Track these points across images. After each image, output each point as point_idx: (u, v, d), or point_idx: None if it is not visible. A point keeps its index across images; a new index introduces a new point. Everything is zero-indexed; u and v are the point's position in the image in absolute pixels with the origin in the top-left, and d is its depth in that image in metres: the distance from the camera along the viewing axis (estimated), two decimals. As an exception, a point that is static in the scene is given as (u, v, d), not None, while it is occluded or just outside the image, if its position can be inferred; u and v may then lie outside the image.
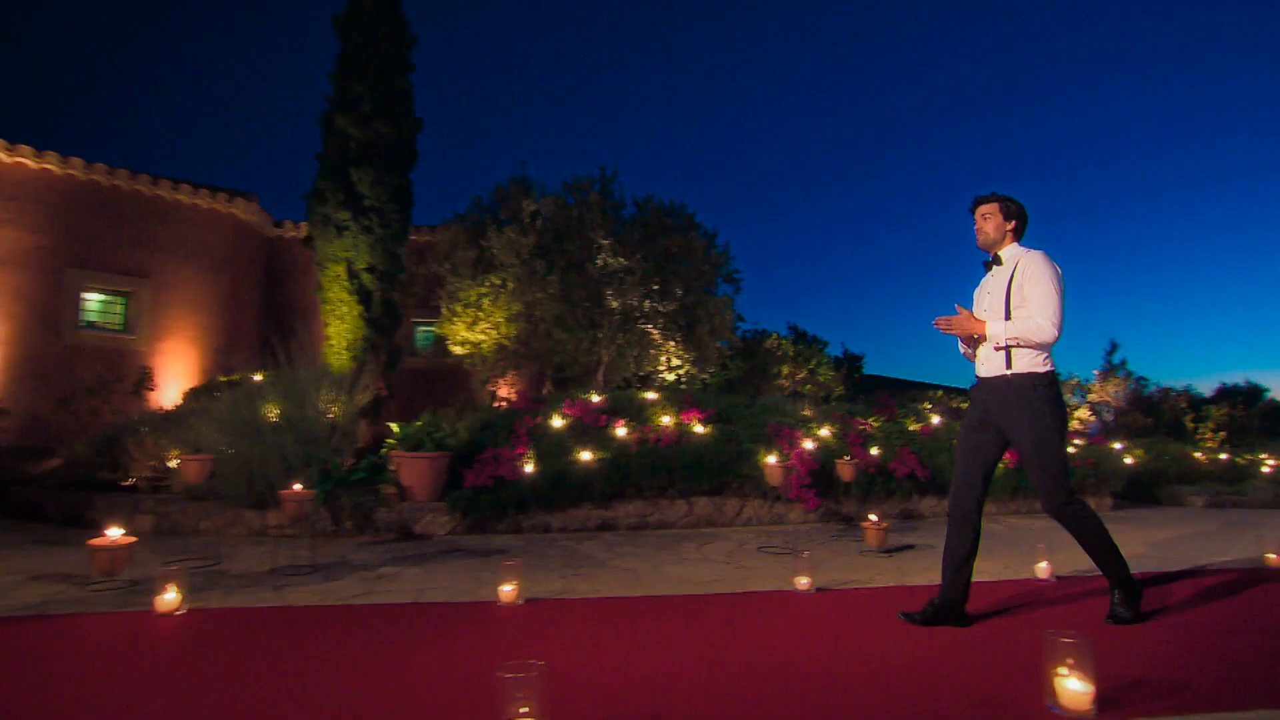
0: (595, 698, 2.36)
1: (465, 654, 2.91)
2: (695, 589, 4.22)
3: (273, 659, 2.84)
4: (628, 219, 8.41)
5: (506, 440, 6.64)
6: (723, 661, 2.78)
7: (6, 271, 9.36)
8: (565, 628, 3.34)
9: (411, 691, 2.46)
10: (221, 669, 2.72)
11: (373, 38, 10.15)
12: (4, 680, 2.61)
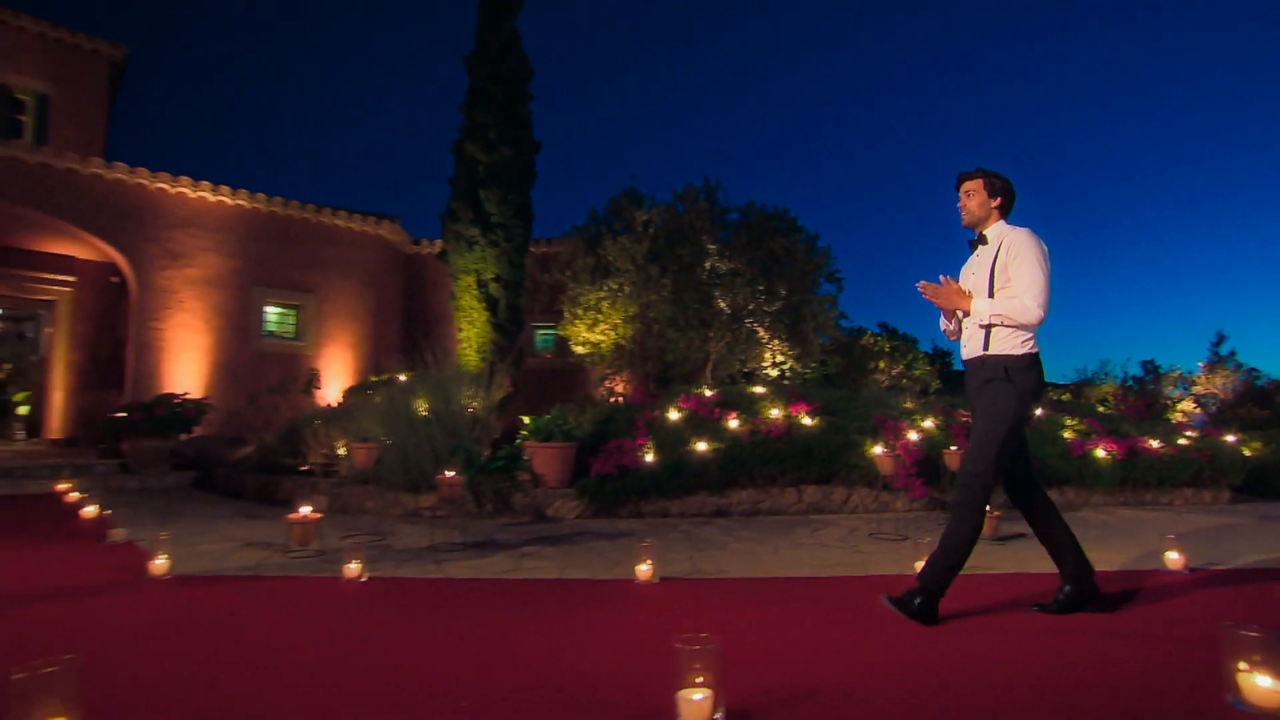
0: (750, 672, 2.30)
1: (618, 626, 2.91)
2: (815, 571, 4.09)
3: (446, 622, 2.93)
4: (733, 224, 8.33)
5: (627, 432, 6.67)
6: (860, 640, 2.67)
7: (211, 291, 10.21)
8: (703, 605, 3.29)
9: (579, 658, 2.47)
10: (403, 629, 2.82)
11: (496, 73, 10.45)
12: (242, 624, 2.82)
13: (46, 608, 3.17)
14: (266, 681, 2.24)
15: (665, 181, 14.96)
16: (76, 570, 3.93)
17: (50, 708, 1.67)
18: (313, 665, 2.41)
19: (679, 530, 5.65)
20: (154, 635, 2.76)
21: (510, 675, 2.30)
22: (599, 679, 2.25)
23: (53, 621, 2.95)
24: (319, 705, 2.05)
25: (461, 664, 2.42)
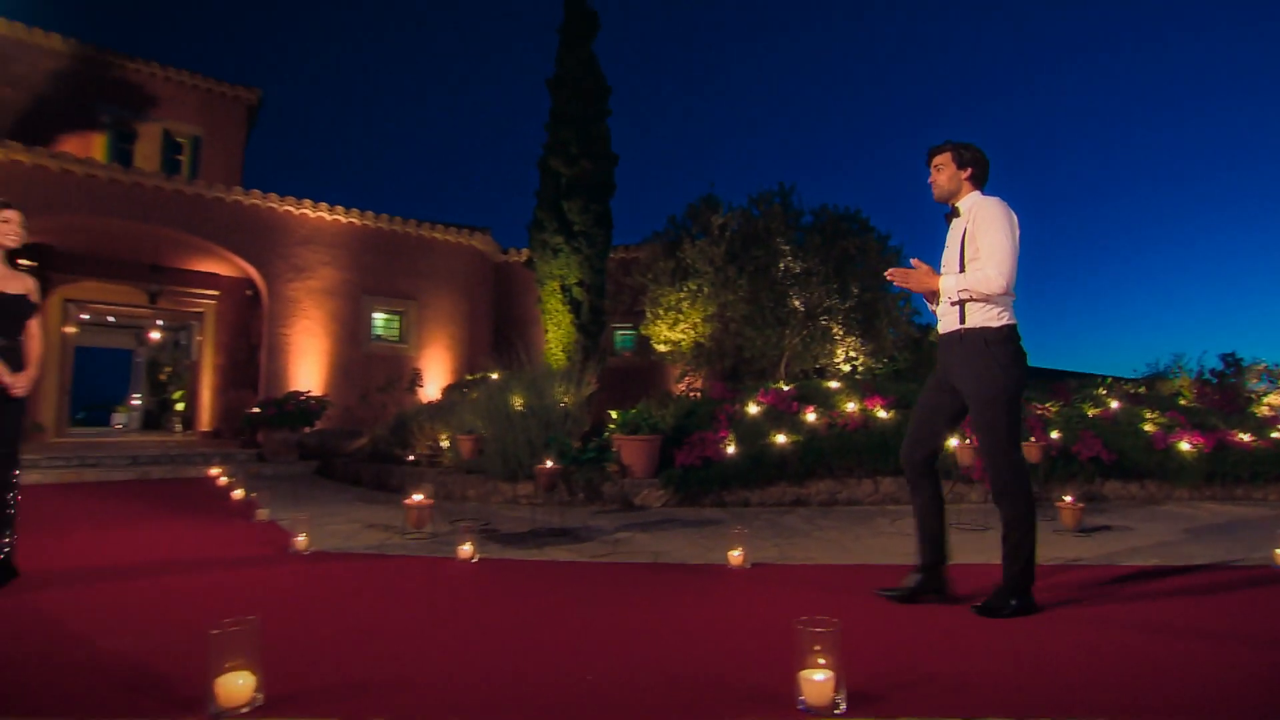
0: (858, 655, 2.23)
1: (719, 608, 2.87)
2: (900, 559, 3.95)
3: (556, 602, 2.96)
4: (806, 226, 8.17)
5: (709, 425, 6.62)
6: (961, 627, 2.55)
7: (328, 300, 10.75)
8: (797, 590, 3.22)
9: (688, 639, 2.44)
10: (516, 607, 2.85)
11: (576, 93, 10.58)
12: (372, 596, 2.90)
13: (215, 574, 3.38)
14: (396, 647, 2.31)
15: (741, 187, 14.81)
16: (234, 544, 4.18)
17: (237, 660, 1.77)
18: (437, 636, 2.47)
19: (762, 519, 5.56)
20: (300, 603, 2.90)
21: (622, 652, 2.30)
22: (710, 659, 2.23)
23: (220, 586, 3.15)
24: (447, 673, 2.10)
25: (576, 640, 2.43)
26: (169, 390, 19.13)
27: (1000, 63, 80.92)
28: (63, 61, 12.36)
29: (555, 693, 1.92)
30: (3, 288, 3.24)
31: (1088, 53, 77.83)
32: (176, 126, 13.39)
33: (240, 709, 1.75)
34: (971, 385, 2.72)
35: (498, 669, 2.11)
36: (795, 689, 1.79)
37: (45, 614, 2.69)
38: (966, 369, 2.73)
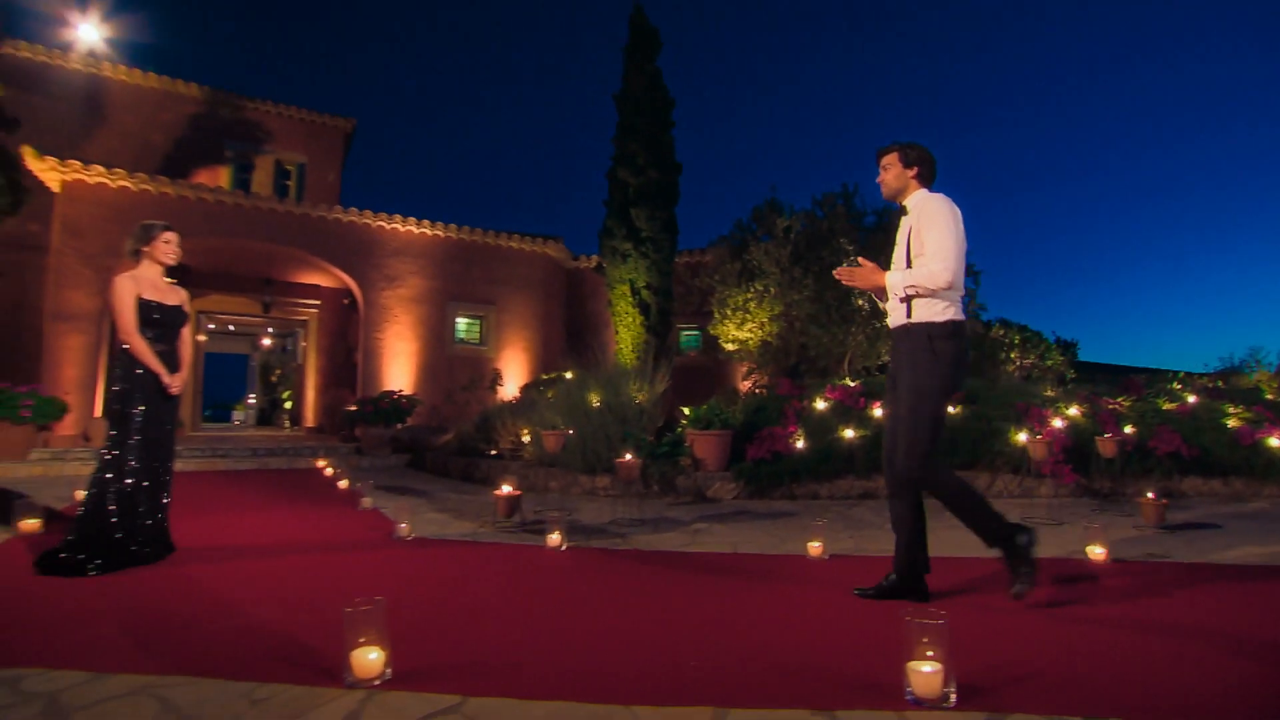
0: (959, 649, 2.10)
1: (805, 598, 2.77)
2: (979, 552, 3.73)
3: (647, 591, 2.91)
4: (869, 227, 7.90)
5: (778, 420, 6.47)
6: (1055, 620, 2.37)
7: (417, 307, 11.11)
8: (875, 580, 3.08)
9: (781, 628, 2.37)
10: (605, 594, 2.82)
11: (641, 107, 10.57)
12: (472, 579, 2.92)
13: (333, 555, 3.50)
14: (502, 629, 2.32)
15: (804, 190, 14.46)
16: (346, 529, 4.33)
17: (369, 636, 1.80)
18: (538, 619, 2.47)
19: (832, 511, 5.40)
20: (410, 584, 2.96)
21: (722, 639, 2.24)
22: (809, 648, 2.14)
23: (339, 566, 3.25)
24: (553, 654, 2.09)
25: (672, 627, 2.39)
26: (278, 390, 20.19)
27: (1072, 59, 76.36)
28: (198, 106, 13.25)
29: (663, 677, 1.88)
30: (163, 299, 3.44)
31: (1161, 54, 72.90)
32: (286, 155, 14.12)
33: (373, 680, 1.78)
34: (908, 376, 2.61)
35: (601, 652, 2.09)
36: (903, 680, 1.69)
37: (201, 584, 2.84)
38: (907, 361, 2.63)
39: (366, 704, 1.69)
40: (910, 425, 2.58)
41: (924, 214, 2.65)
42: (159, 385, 3.39)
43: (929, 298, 2.60)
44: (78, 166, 9.04)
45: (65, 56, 12.23)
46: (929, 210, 2.64)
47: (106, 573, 3.03)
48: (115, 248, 9.24)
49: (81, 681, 1.83)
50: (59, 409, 7.68)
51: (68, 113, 12.08)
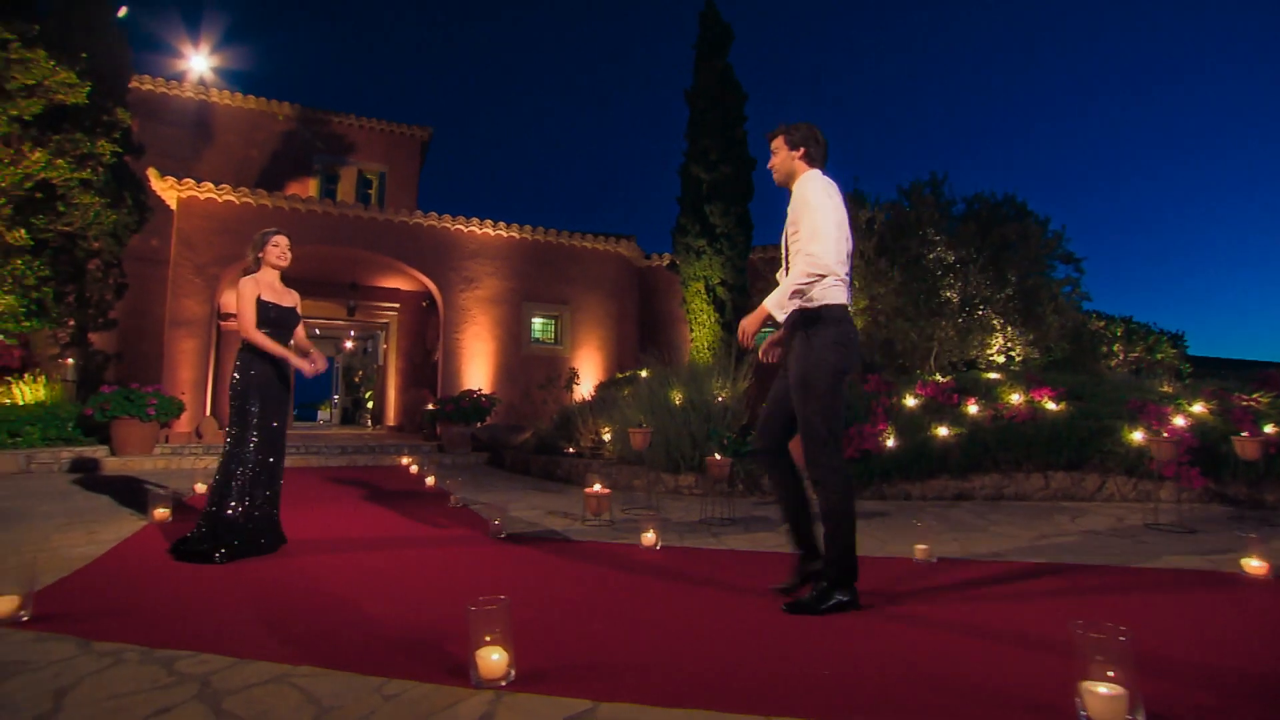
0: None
1: (929, 604, 2.57)
2: (1104, 559, 3.42)
3: (754, 592, 2.79)
4: (958, 215, 7.48)
5: (865, 418, 6.21)
6: (1225, 634, 2.11)
7: (493, 307, 11.34)
8: (1003, 588, 2.85)
9: (914, 636, 2.20)
10: (713, 595, 2.71)
11: (714, 102, 10.41)
12: (572, 577, 2.87)
13: (432, 550, 3.55)
14: (613, 628, 2.26)
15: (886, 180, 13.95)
16: (440, 525, 4.40)
17: (492, 636, 1.76)
18: (647, 619, 2.39)
19: (928, 513, 5.11)
20: (512, 582, 2.94)
21: (850, 646, 2.10)
22: (948, 658, 1.98)
23: (441, 561, 3.28)
24: (674, 657, 2.00)
25: (791, 632, 2.26)
26: (361, 390, 21.12)
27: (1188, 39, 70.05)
28: (289, 123, 14.03)
29: (797, 686, 1.76)
30: (280, 301, 3.60)
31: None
32: (367, 165, 14.74)
33: (499, 681, 1.75)
34: (794, 366, 2.51)
35: (725, 658, 1.99)
36: (1074, 701, 1.52)
37: (315, 577, 2.92)
38: (792, 349, 2.54)
39: (497, 706, 1.65)
40: (804, 420, 2.49)
41: (797, 199, 2.54)
42: (274, 382, 3.53)
43: (810, 282, 2.44)
44: (191, 184, 9.68)
45: (180, 86, 13.18)
46: (801, 194, 2.52)
47: (231, 560, 3.17)
48: (221, 257, 9.85)
49: (227, 666, 1.88)
50: (177, 407, 8.23)
51: (180, 136, 13.00)
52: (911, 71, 79.74)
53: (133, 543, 3.66)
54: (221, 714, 1.60)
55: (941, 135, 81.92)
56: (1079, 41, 72.59)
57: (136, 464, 7.58)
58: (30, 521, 4.33)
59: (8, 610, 2.26)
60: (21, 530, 4.01)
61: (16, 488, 5.85)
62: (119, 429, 7.69)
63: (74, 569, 3.05)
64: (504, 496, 5.95)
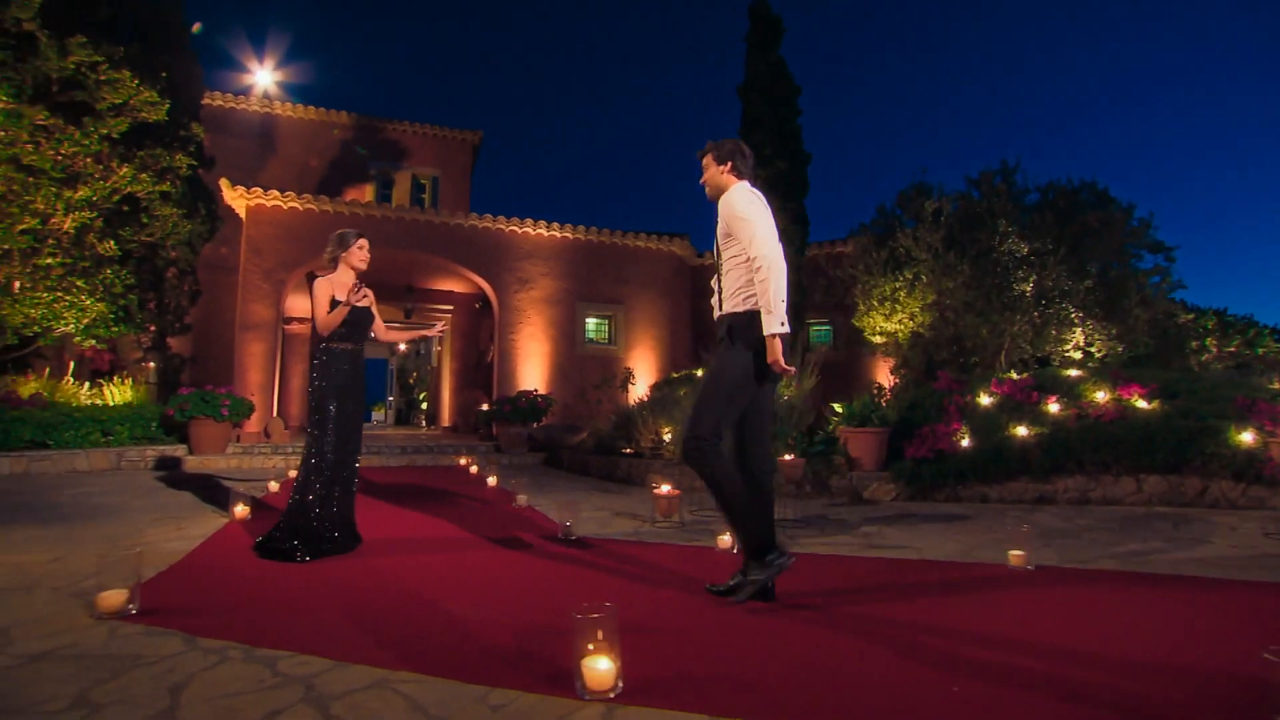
0: None
1: (1051, 617, 2.39)
2: (1222, 571, 3.14)
3: (849, 600, 2.65)
4: (1032, 205, 7.10)
5: (937, 416, 5.95)
6: None
7: (548, 307, 11.41)
8: (1122, 601, 2.63)
9: (1052, 649, 2.03)
10: (806, 600, 2.58)
11: (767, 96, 10.22)
12: (659, 581, 2.76)
13: (507, 553, 3.51)
14: (707, 638, 2.16)
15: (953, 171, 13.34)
16: (508, 526, 4.38)
17: (598, 645, 1.69)
18: (740, 629, 2.29)
19: (1009, 516, 4.85)
20: (590, 585, 2.88)
21: (960, 658, 1.95)
22: (1101, 679, 1.81)
23: (517, 564, 3.24)
24: (780, 671, 1.89)
25: (900, 643, 2.12)
26: (415, 391, 21.59)
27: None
28: (346, 131, 14.44)
29: (932, 708, 1.63)
30: (357, 302, 3.64)
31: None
32: (420, 170, 15.05)
33: (607, 693, 1.67)
34: (715, 360, 2.66)
35: (834, 671, 1.87)
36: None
37: (395, 577, 2.92)
38: (718, 350, 2.65)
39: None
40: (699, 401, 2.59)
41: (726, 213, 2.63)
42: (350, 383, 3.58)
43: (740, 289, 2.59)
44: (259, 192, 10.04)
45: (245, 100, 13.73)
46: (729, 207, 2.61)
47: (313, 559, 3.21)
48: (286, 262, 10.17)
49: (328, 668, 1.86)
50: (248, 408, 8.53)
51: (246, 147, 13.53)
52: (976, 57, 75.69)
53: (219, 539, 3.75)
54: (331, 719, 1.58)
55: (1010, 122, 77.26)
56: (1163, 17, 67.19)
57: (212, 462, 7.87)
58: (126, 515, 4.51)
59: (118, 604, 2.31)
60: (119, 525, 4.18)
61: (111, 484, 6.13)
62: (196, 428, 8.00)
63: (170, 563, 3.13)
64: (567, 497, 5.91)
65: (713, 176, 2.79)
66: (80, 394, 8.51)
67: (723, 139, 2.82)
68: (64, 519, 4.38)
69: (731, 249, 2.65)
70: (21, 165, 7.58)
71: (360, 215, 10.60)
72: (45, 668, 1.85)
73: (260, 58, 15.73)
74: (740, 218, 2.57)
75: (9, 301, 7.66)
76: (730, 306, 2.62)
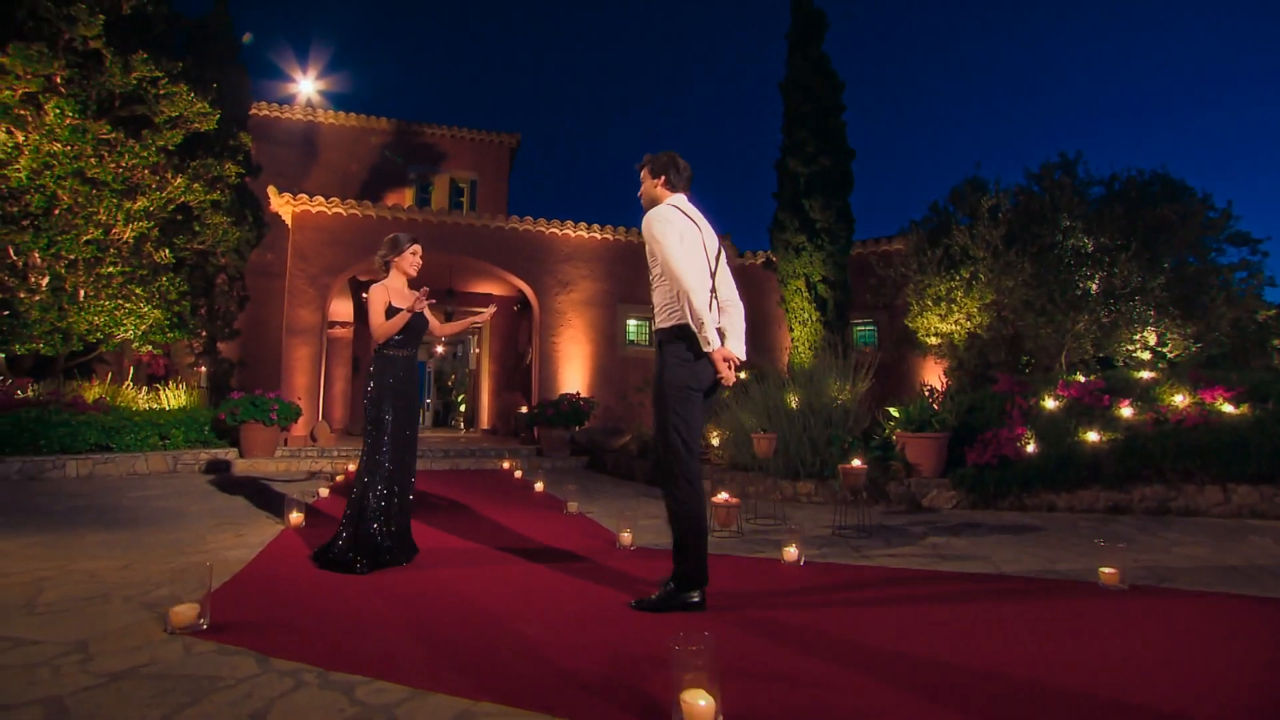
0: None
1: (1167, 644, 2.21)
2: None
3: (942, 620, 2.47)
4: (1097, 198, 6.75)
5: (997, 420, 5.70)
6: None
7: (588, 310, 11.36)
8: (1239, 626, 2.42)
9: (1159, 680, 1.86)
10: (893, 620, 2.42)
11: (810, 92, 10.00)
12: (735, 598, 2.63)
13: (568, 565, 3.42)
14: (796, 660, 2.03)
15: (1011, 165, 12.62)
16: (564, 535, 4.30)
17: (696, 678, 1.58)
18: (834, 650, 2.15)
19: (1082, 527, 4.60)
20: (668, 601, 2.77)
21: (1083, 688, 1.79)
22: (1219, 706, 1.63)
23: (577, 576, 3.15)
24: (883, 699, 1.75)
25: (1023, 669, 1.96)
26: (453, 394, 21.80)
27: None
28: (385, 137, 14.66)
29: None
30: (420, 309, 3.60)
31: None
32: (459, 174, 15.18)
33: (708, 730, 1.55)
34: (653, 381, 2.72)
35: (952, 703, 1.73)
36: None
37: (458, 592, 2.86)
38: (656, 368, 2.71)
39: (715, 760, 1.46)
40: (654, 425, 2.67)
41: (646, 234, 2.68)
42: (406, 390, 3.54)
43: (667, 305, 2.64)
44: (305, 199, 10.21)
45: (290, 109, 14.03)
46: (648, 230, 2.66)
47: (371, 571, 3.16)
48: (331, 267, 10.32)
49: (407, 697, 1.79)
50: (296, 412, 8.66)
51: (290, 155, 13.82)
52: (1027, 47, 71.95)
53: (277, 547, 3.75)
54: (419, 753, 1.50)
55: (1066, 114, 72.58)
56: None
57: (261, 465, 8.00)
58: (186, 521, 4.57)
59: (189, 618, 2.29)
60: (181, 530, 4.22)
61: (169, 487, 6.26)
62: (246, 433, 8.15)
63: (232, 572, 3.13)
64: (616, 504, 5.82)
65: (647, 190, 2.85)
66: (139, 398, 8.75)
67: (659, 152, 2.85)
68: (129, 524, 4.45)
69: (655, 267, 2.73)
70: (86, 178, 7.82)
71: (402, 220, 10.70)
72: (127, 688, 1.82)
73: (303, 67, 16.10)
74: (652, 239, 2.64)
75: (75, 310, 7.91)
76: (659, 322, 2.71)
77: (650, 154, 2.88)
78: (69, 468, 6.72)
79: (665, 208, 2.70)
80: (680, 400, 2.59)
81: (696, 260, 2.62)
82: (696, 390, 2.61)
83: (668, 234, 2.60)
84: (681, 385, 2.59)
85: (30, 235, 7.58)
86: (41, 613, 2.48)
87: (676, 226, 2.63)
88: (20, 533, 4.07)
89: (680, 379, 2.59)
